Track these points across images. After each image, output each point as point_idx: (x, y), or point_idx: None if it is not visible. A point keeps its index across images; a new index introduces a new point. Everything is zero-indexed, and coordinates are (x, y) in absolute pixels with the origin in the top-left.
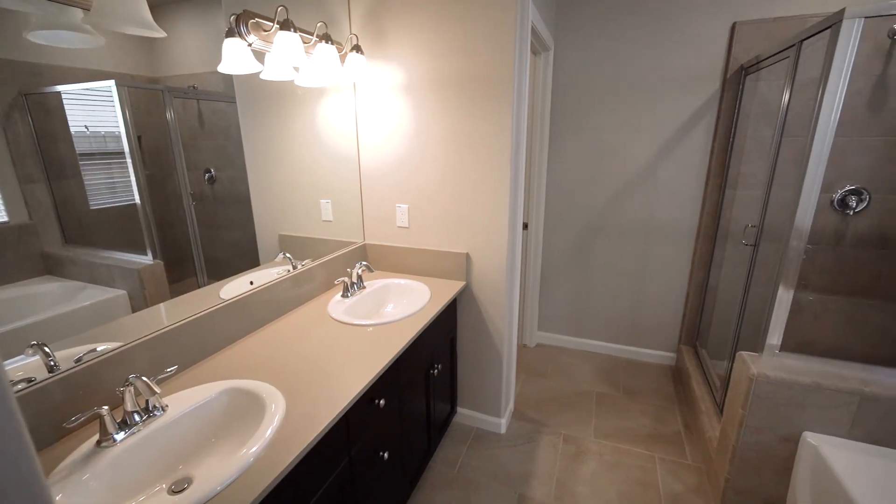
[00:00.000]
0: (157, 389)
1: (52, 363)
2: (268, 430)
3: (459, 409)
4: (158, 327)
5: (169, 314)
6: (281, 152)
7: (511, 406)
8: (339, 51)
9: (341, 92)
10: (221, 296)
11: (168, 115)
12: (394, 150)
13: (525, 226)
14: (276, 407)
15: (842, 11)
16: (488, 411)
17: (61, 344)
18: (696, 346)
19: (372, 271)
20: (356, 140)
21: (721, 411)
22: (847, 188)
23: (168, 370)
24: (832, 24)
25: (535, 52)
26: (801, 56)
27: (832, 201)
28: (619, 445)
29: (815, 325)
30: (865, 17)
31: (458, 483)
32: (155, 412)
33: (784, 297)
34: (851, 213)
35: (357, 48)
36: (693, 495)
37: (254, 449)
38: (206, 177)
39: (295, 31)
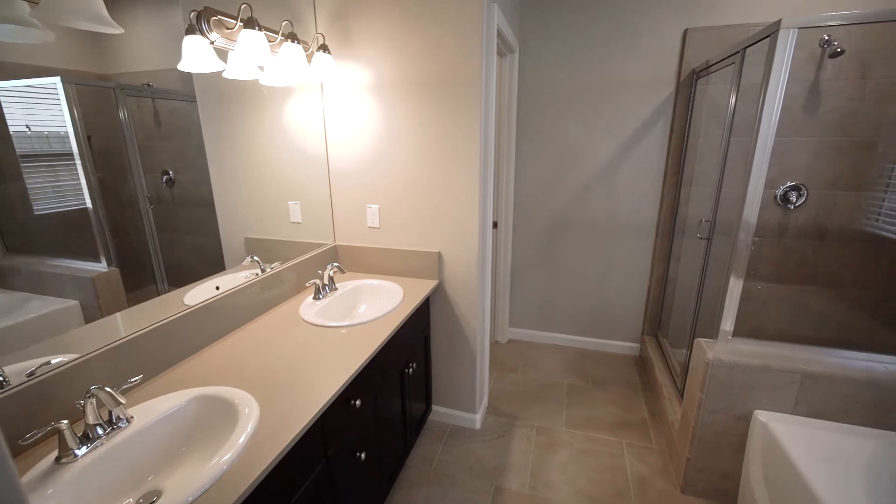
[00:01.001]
0: (121, 400)
1: (0, 379)
2: (241, 436)
3: (435, 407)
4: (117, 337)
5: (128, 323)
6: (246, 153)
7: (485, 401)
8: (306, 50)
9: (309, 91)
10: (186, 302)
11: (121, 115)
12: (363, 150)
13: (495, 224)
14: (250, 412)
15: (778, 22)
16: (463, 407)
17: (9, 359)
18: (658, 336)
19: (344, 272)
20: (324, 140)
21: (682, 396)
22: (788, 184)
23: (132, 380)
24: (770, 33)
25: (500, 54)
26: (745, 62)
27: (775, 197)
28: (589, 434)
29: (763, 312)
30: (799, 28)
31: (435, 480)
32: (119, 424)
33: (735, 287)
34: (792, 207)
35: (324, 48)
36: (658, 476)
37: (227, 457)
38: (165, 179)
39: (260, 30)
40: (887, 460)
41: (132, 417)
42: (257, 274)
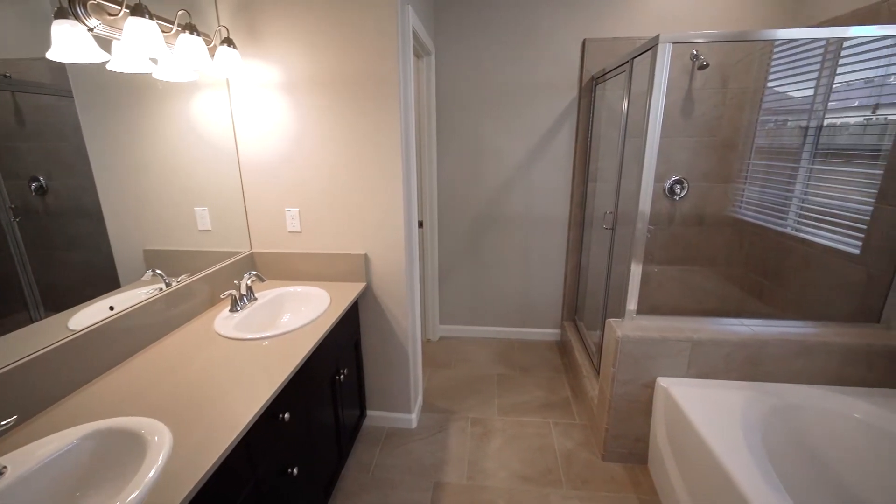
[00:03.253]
0: None
1: None
2: (151, 469)
3: (369, 412)
4: None
5: None
6: (141, 156)
7: (420, 400)
8: (208, 43)
9: (214, 88)
10: (71, 327)
11: None
12: (279, 151)
13: (420, 224)
14: (161, 442)
15: (657, 37)
16: (398, 409)
17: None
18: (576, 320)
19: (264, 281)
20: (234, 141)
21: (598, 373)
22: (673, 178)
23: (3, 423)
24: (651, 46)
25: (417, 55)
26: (634, 71)
27: (664, 190)
28: (519, 418)
29: (660, 291)
30: (673, 43)
31: (373, 485)
32: None
33: (636, 271)
34: (677, 198)
35: (228, 41)
36: (582, 448)
37: (134, 495)
38: (34, 187)
39: (151, 18)
40: (757, 404)
41: (5, 468)
42: (161, 289)
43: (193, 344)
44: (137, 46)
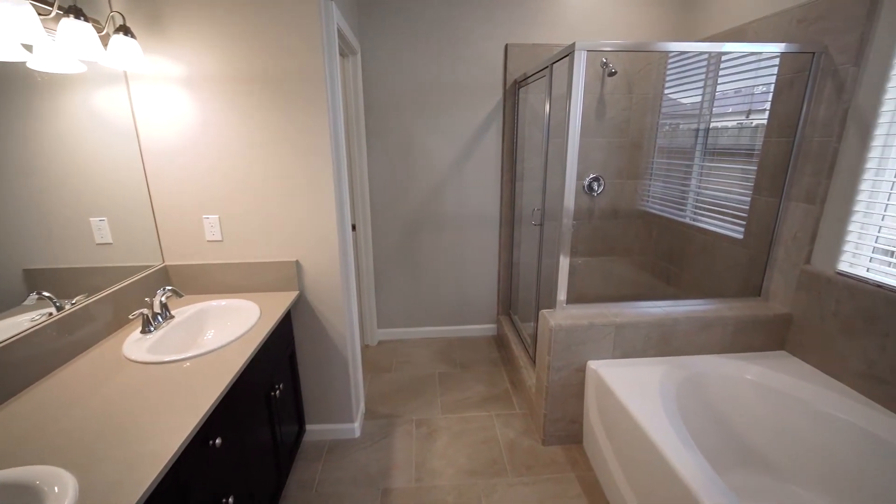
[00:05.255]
0: None
1: None
2: None
3: (309, 426)
4: None
5: None
6: (17, 160)
7: (362, 408)
8: (99, 31)
9: (111, 83)
10: None
11: None
12: (192, 154)
13: (353, 227)
14: (63, 492)
15: (573, 44)
16: (340, 419)
17: None
18: (511, 314)
19: (182, 296)
20: (137, 143)
21: (534, 362)
22: (591, 176)
23: None
24: (569, 52)
25: (343, 54)
26: (553, 76)
27: (583, 187)
28: (463, 414)
29: (585, 281)
30: (588, 50)
31: (318, 502)
32: None
33: (564, 263)
34: (596, 194)
35: (125, 30)
36: (524, 436)
37: None
38: None
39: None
40: (671, 376)
41: None
42: (51, 314)
43: (99, 372)
44: (2, 30)
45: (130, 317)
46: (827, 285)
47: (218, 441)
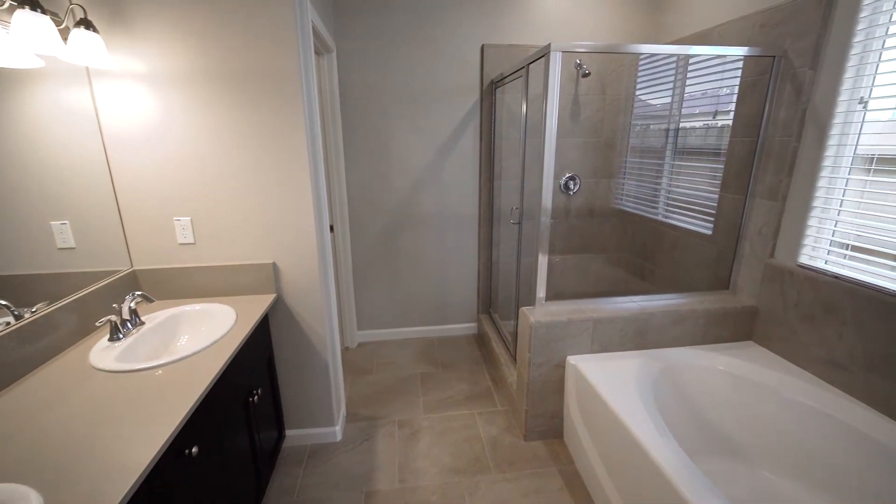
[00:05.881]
0: None
1: None
2: None
3: (289, 432)
4: None
5: None
6: None
7: (343, 410)
8: (58, 24)
9: (71, 79)
10: None
11: None
12: (161, 154)
13: (332, 228)
14: None
15: (549, 45)
16: (320, 423)
17: None
18: (491, 313)
19: (152, 301)
20: (101, 143)
21: (515, 359)
22: (567, 175)
23: None
24: (544, 53)
25: (318, 52)
26: (530, 76)
27: (560, 186)
28: (445, 414)
29: (563, 278)
30: (562, 52)
31: None
32: None
33: (542, 261)
34: (572, 193)
35: (86, 23)
36: (506, 433)
37: None
38: None
39: None
40: (647, 368)
41: None
42: (9, 322)
43: (64, 383)
44: None
45: (97, 324)
46: (789, 278)
47: (194, 450)
